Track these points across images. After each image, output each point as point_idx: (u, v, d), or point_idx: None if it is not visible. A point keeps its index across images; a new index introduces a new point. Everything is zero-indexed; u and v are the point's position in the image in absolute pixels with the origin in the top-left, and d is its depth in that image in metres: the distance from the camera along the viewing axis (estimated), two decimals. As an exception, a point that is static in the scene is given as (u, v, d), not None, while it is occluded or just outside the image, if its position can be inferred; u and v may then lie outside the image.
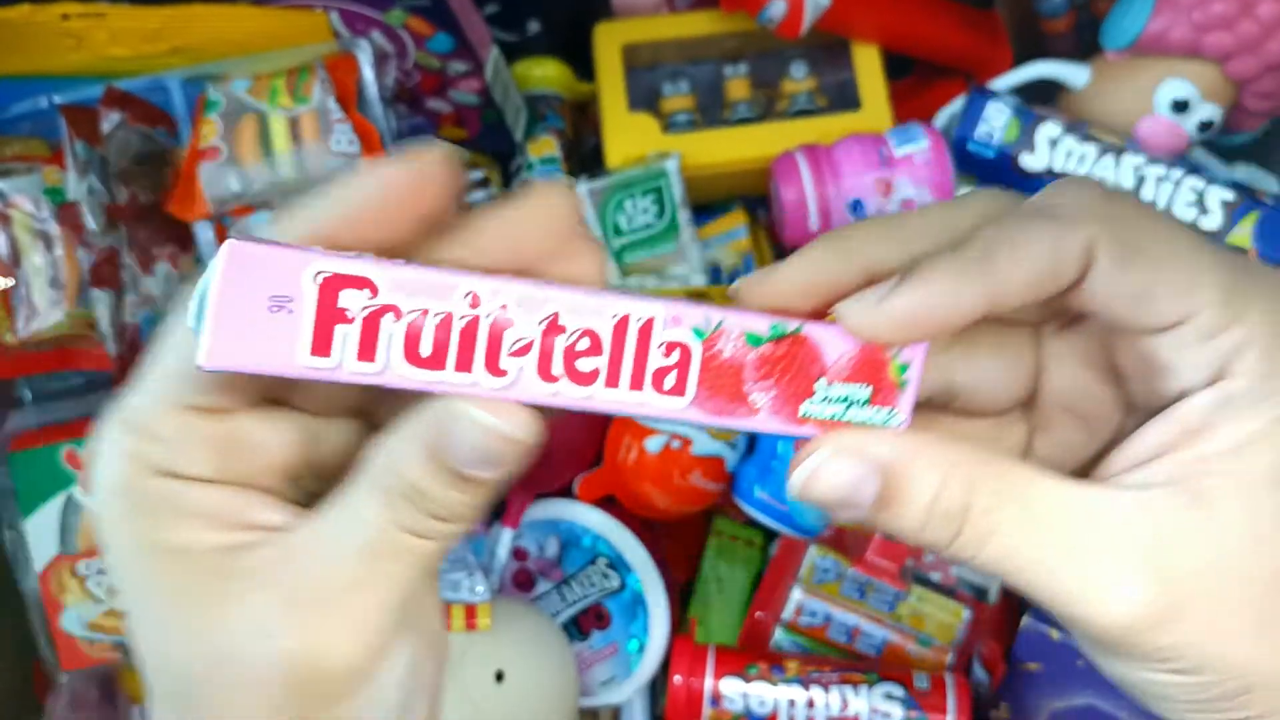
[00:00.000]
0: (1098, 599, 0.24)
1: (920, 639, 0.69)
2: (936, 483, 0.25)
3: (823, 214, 0.68)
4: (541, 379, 0.24)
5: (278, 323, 0.22)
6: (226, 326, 0.22)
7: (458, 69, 0.67)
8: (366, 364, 0.23)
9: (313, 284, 0.22)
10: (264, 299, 0.22)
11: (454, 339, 0.23)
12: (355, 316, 0.23)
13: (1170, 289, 0.24)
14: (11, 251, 0.62)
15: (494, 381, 0.23)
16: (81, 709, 0.66)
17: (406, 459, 0.24)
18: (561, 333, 0.23)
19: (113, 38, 0.62)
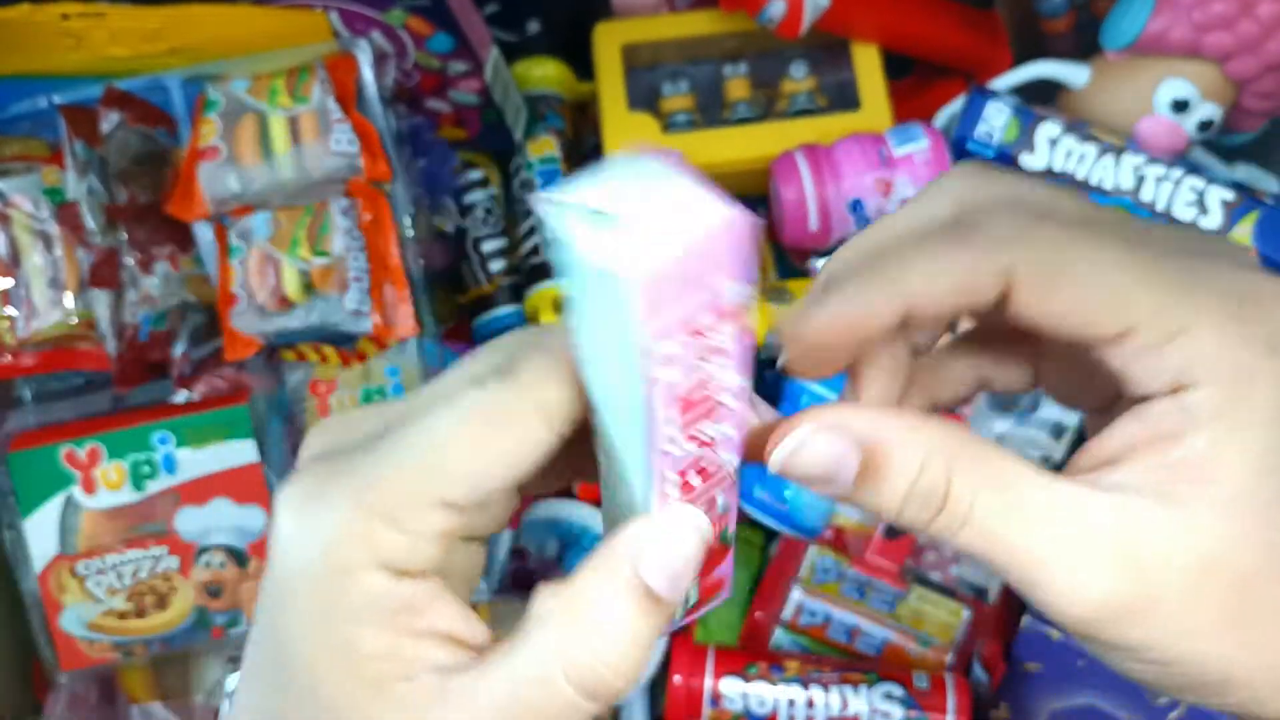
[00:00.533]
0: (1067, 589, 0.25)
1: (920, 639, 0.69)
2: (917, 462, 0.25)
3: (822, 214, 0.68)
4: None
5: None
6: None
7: (457, 69, 0.67)
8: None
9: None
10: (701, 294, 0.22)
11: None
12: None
13: (1101, 307, 0.25)
14: (11, 251, 0.62)
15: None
16: (81, 709, 0.66)
17: (593, 591, 0.25)
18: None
19: (112, 37, 0.62)
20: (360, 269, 0.60)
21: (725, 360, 0.23)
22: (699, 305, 0.22)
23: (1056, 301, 0.25)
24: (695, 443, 0.25)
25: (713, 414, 0.24)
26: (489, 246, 0.74)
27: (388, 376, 0.63)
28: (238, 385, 0.64)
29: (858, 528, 0.71)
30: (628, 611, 0.24)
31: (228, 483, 0.63)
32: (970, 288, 0.26)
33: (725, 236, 0.21)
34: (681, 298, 0.21)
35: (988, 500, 0.25)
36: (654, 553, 0.24)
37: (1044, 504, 0.25)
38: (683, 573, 0.25)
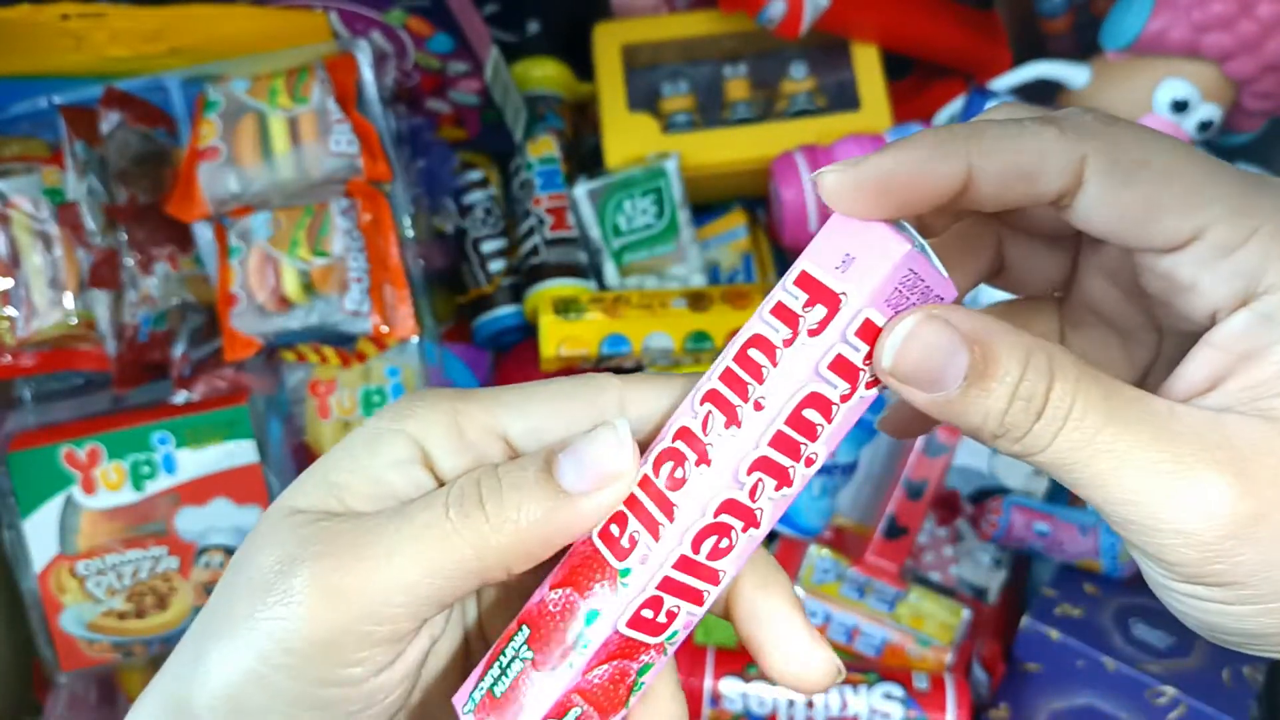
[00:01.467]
0: (1180, 504, 0.23)
1: (920, 639, 0.69)
2: (1021, 360, 0.24)
3: (822, 214, 0.68)
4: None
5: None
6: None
7: (457, 69, 0.67)
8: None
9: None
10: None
11: None
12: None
13: (1173, 206, 0.24)
14: (11, 252, 0.62)
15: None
16: (80, 709, 0.66)
17: (516, 460, 0.26)
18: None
19: (112, 38, 0.62)
20: (360, 269, 0.60)
21: (841, 413, 0.25)
22: (829, 268, 0.24)
23: (1129, 196, 0.24)
24: (750, 489, 0.25)
25: (784, 475, 0.25)
26: (488, 247, 0.74)
27: (387, 377, 0.63)
28: (237, 386, 0.64)
29: (857, 528, 0.71)
30: (530, 479, 0.25)
31: (227, 483, 0.63)
32: (1039, 168, 0.25)
33: (893, 248, 0.24)
34: (905, 296, 0.24)
35: (1087, 408, 0.24)
36: (575, 444, 0.25)
37: (1145, 416, 0.24)
38: (591, 469, 0.25)
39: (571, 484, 0.25)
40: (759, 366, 0.24)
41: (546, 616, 0.25)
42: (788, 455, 0.24)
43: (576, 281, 0.70)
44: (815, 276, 0.24)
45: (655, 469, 0.25)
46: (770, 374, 0.24)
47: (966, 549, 0.72)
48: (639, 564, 0.25)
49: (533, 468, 0.25)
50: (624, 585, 0.25)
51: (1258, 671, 0.62)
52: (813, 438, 0.24)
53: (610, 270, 0.71)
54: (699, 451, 0.25)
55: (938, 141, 0.25)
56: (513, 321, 0.73)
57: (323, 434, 0.64)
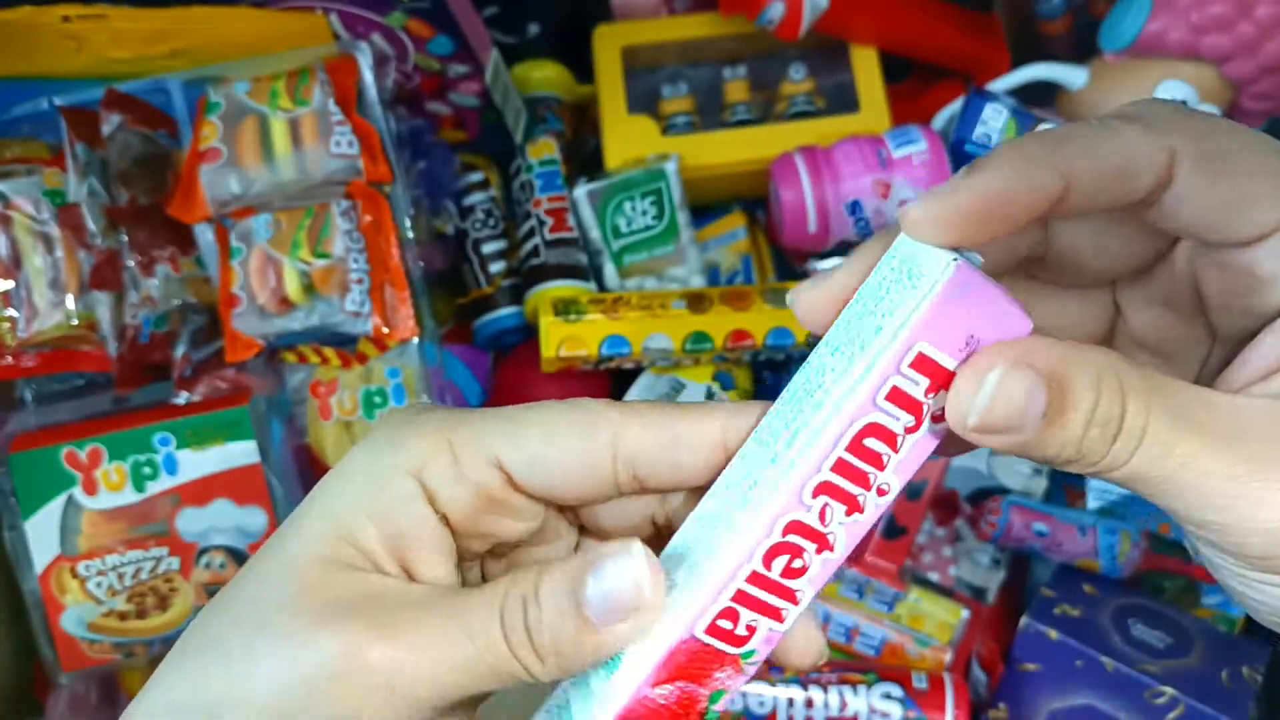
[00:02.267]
0: (1256, 502, 0.23)
1: (918, 639, 0.69)
2: (1094, 386, 0.24)
3: (821, 215, 0.68)
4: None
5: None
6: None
7: (458, 71, 0.67)
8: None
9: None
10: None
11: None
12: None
13: (1260, 197, 0.24)
14: (12, 253, 0.62)
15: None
16: (81, 710, 0.66)
17: (551, 569, 0.26)
18: None
19: (113, 40, 0.62)
20: (361, 271, 0.60)
21: (907, 447, 0.25)
22: (955, 348, 0.24)
23: (1218, 188, 0.24)
24: (818, 512, 0.25)
25: (854, 504, 0.25)
26: (489, 248, 0.74)
27: (388, 378, 0.64)
28: (238, 386, 0.64)
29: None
30: (565, 599, 0.25)
31: (228, 484, 0.63)
32: (1131, 167, 0.24)
33: (1018, 320, 0.24)
34: (958, 333, 0.24)
35: (1160, 420, 0.24)
36: (605, 568, 0.25)
37: (1215, 417, 0.24)
38: (614, 602, 0.25)
39: (596, 617, 0.25)
40: (879, 455, 0.25)
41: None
42: (856, 483, 0.25)
43: (576, 283, 0.70)
44: (936, 360, 0.24)
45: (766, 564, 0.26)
46: (890, 459, 0.25)
47: (965, 549, 0.72)
48: (762, 644, 0.26)
49: (563, 595, 0.25)
50: (747, 667, 0.27)
51: (1256, 672, 0.62)
52: (880, 467, 0.25)
53: (610, 271, 0.71)
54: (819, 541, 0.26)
55: (1025, 155, 0.24)
56: (513, 322, 0.73)
57: (324, 434, 0.64)
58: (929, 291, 0.23)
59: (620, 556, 0.25)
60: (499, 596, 0.26)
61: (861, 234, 0.70)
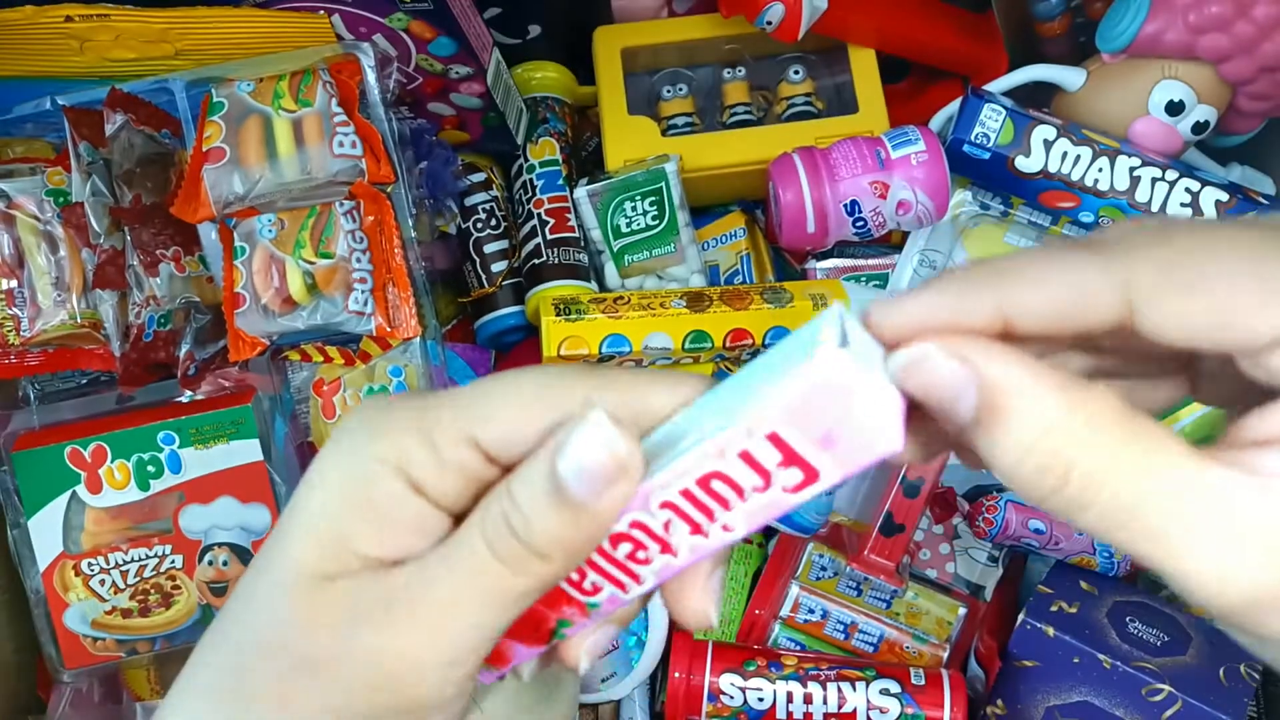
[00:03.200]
0: (1211, 579, 0.23)
1: (916, 635, 0.69)
2: (1040, 422, 0.23)
3: (819, 216, 0.69)
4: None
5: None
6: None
7: (459, 72, 0.67)
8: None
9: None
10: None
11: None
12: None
13: (1247, 308, 0.23)
14: (16, 252, 0.62)
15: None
16: (84, 707, 0.67)
17: (517, 477, 0.26)
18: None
19: (117, 40, 0.62)
20: (364, 270, 0.60)
21: (755, 501, 0.25)
22: (811, 439, 0.24)
23: (1193, 309, 0.23)
24: (664, 522, 0.26)
25: (696, 527, 0.26)
26: (490, 248, 0.74)
27: (391, 376, 0.64)
28: (242, 385, 0.65)
29: (855, 526, 0.72)
30: (541, 488, 0.25)
31: (232, 481, 0.63)
32: (1080, 304, 0.24)
33: (881, 442, 0.24)
34: (815, 427, 0.23)
35: (1122, 482, 0.23)
36: (570, 443, 0.25)
37: (1185, 488, 0.23)
38: (593, 471, 0.25)
39: (582, 494, 0.25)
40: (724, 499, 0.25)
41: None
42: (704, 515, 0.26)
43: (577, 282, 0.71)
44: (793, 447, 0.24)
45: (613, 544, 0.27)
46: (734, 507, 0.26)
47: (963, 546, 0.73)
48: (606, 602, 0.28)
49: (542, 492, 0.25)
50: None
51: (1253, 669, 0.63)
52: (726, 508, 0.26)
53: (611, 271, 0.72)
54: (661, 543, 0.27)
55: (966, 286, 0.24)
56: (514, 321, 0.74)
57: (327, 433, 0.64)
58: (801, 377, 0.23)
59: (582, 427, 0.25)
60: (477, 524, 0.26)
61: (860, 234, 0.71)
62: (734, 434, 0.24)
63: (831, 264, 0.74)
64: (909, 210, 0.69)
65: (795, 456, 0.24)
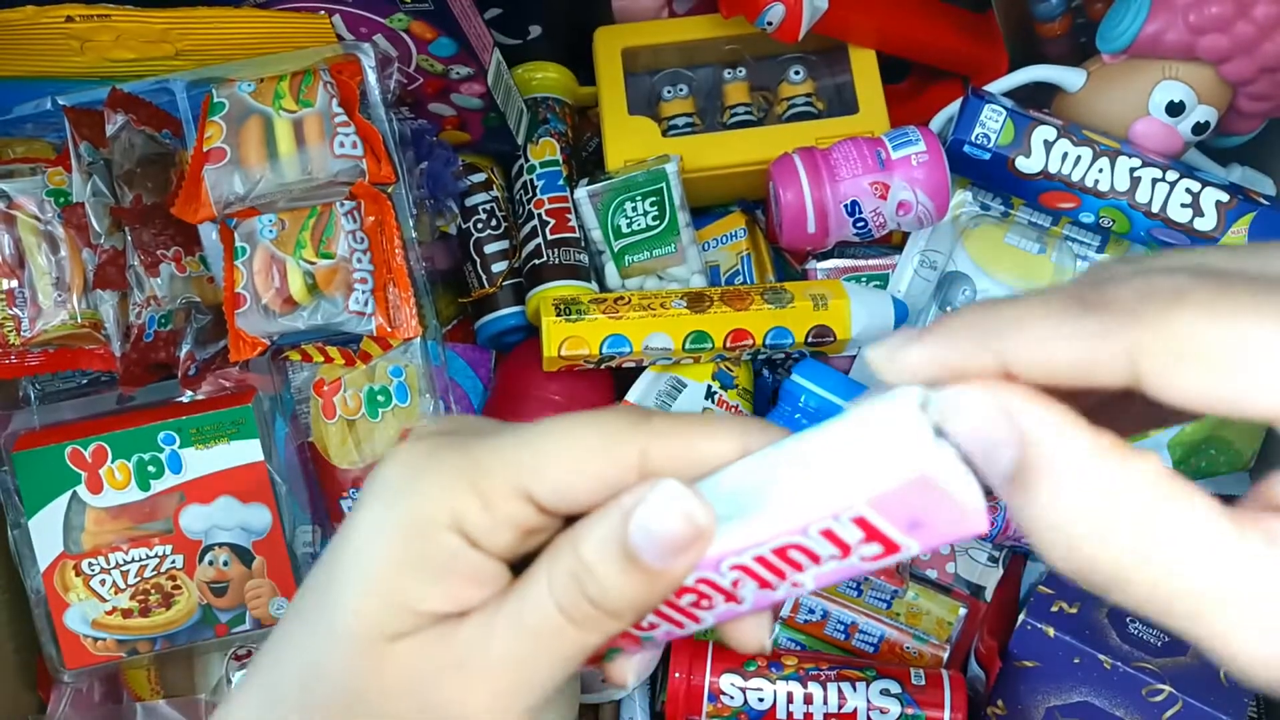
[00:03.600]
0: (1248, 647, 0.22)
1: (917, 636, 0.69)
2: (1085, 488, 0.22)
3: (820, 216, 0.69)
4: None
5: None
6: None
7: (460, 73, 0.67)
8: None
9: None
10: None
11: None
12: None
13: (1258, 388, 0.22)
14: (16, 253, 0.62)
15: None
16: (84, 707, 0.67)
17: (587, 539, 0.26)
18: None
19: (117, 40, 0.62)
20: (364, 270, 0.60)
21: (830, 566, 0.25)
22: (897, 524, 0.23)
23: (1200, 384, 0.22)
24: (733, 580, 0.26)
25: (766, 584, 0.26)
26: (491, 248, 0.74)
27: (391, 377, 0.64)
28: (243, 385, 0.65)
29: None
30: (614, 553, 0.25)
31: (232, 481, 0.63)
32: (1087, 367, 0.23)
33: (969, 526, 0.23)
34: (903, 515, 0.23)
35: (1158, 563, 0.22)
36: (644, 510, 0.25)
37: (1220, 563, 0.22)
38: (668, 538, 0.25)
39: (657, 562, 0.25)
40: (798, 564, 0.25)
41: None
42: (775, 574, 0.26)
43: (578, 283, 0.71)
44: (879, 529, 0.24)
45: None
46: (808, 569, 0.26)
47: (963, 547, 0.73)
48: (662, 635, 0.29)
49: (615, 558, 0.25)
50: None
51: (1252, 669, 0.63)
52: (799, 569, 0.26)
53: (612, 271, 0.72)
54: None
55: (965, 336, 0.24)
56: (515, 322, 0.74)
57: (328, 433, 0.64)
58: (896, 469, 0.23)
59: (656, 494, 0.25)
60: (545, 583, 0.26)
61: (860, 235, 0.71)
62: (819, 515, 0.24)
63: (832, 264, 0.74)
64: (909, 211, 0.69)
65: (880, 535, 0.24)
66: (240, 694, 0.29)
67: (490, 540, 0.27)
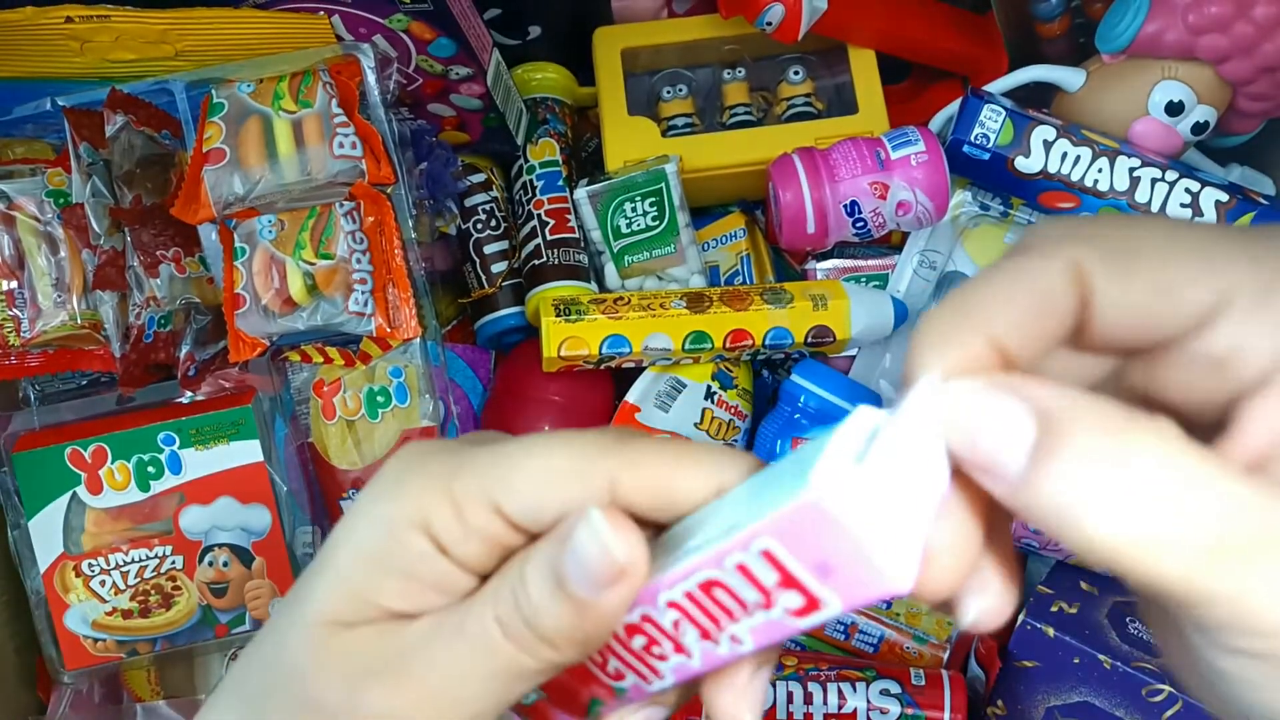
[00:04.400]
0: (1259, 605, 0.20)
1: (916, 636, 0.69)
2: (1109, 457, 0.20)
3: (819, 216, 0.69)
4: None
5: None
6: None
7: (459, 73, 0.67)
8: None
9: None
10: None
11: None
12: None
13: (1187, 277, 0.22)
14: (16, 253, 0.62)
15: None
16: (84, 708, 0.67)
17: (530, 559, 0.26)
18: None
19: (117, 41, 0.62)
20: (364, 271, 0.60)
21: (760, 618, 0.24)
22: (806, 565, 0.22)
23: (1137, 284, 0.22)
24: (673, 621, 0.26)
25: (705, 633, 0.25)
26: (490, 249, 0.74)
27: (391, 377, 0.64)
28: (242, 386, 0.65)
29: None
30: (547, 579, 0.26)
31: (232, 482, 0.63)
32: (1049, 300, 0.22)
33: (879, 580, 0.21)
34: (809, 553, 0.22)
35: (1195, 544, 0.20)
36: (573, 540, 0.25)
37: (1230, 512, 0.20)
38: (594, 571, 0.25)
39: (585, 593, 0.25)
40: (727, 609, 0.25)
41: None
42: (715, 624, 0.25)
43: (577, 283, 0.71)
44: (789, 570, 0.22)
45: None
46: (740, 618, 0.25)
47: (964, 548, 0.73)
48: (632, 689, 0.28)
49: (548, 582, 0.25)
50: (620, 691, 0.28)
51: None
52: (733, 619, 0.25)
53: (611, 272, 0.72)
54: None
55: (951, 328, 0.23)
56: (514, 322, 0.74)
57: (327, 434, 0.64)
58: (792, 496, 0.21)
59: (582, 526, 0.25)
60: (490, 599, 0.26)
61: (860, 235, 0.71)
62: (732, 545, 0.23)
63: (831, 264, 0.74)
64: (909, 211, 0.69)
65: (793, 580, 0.22)
66: (219, 690, 0.30)
67: (459, 549, 0.27)
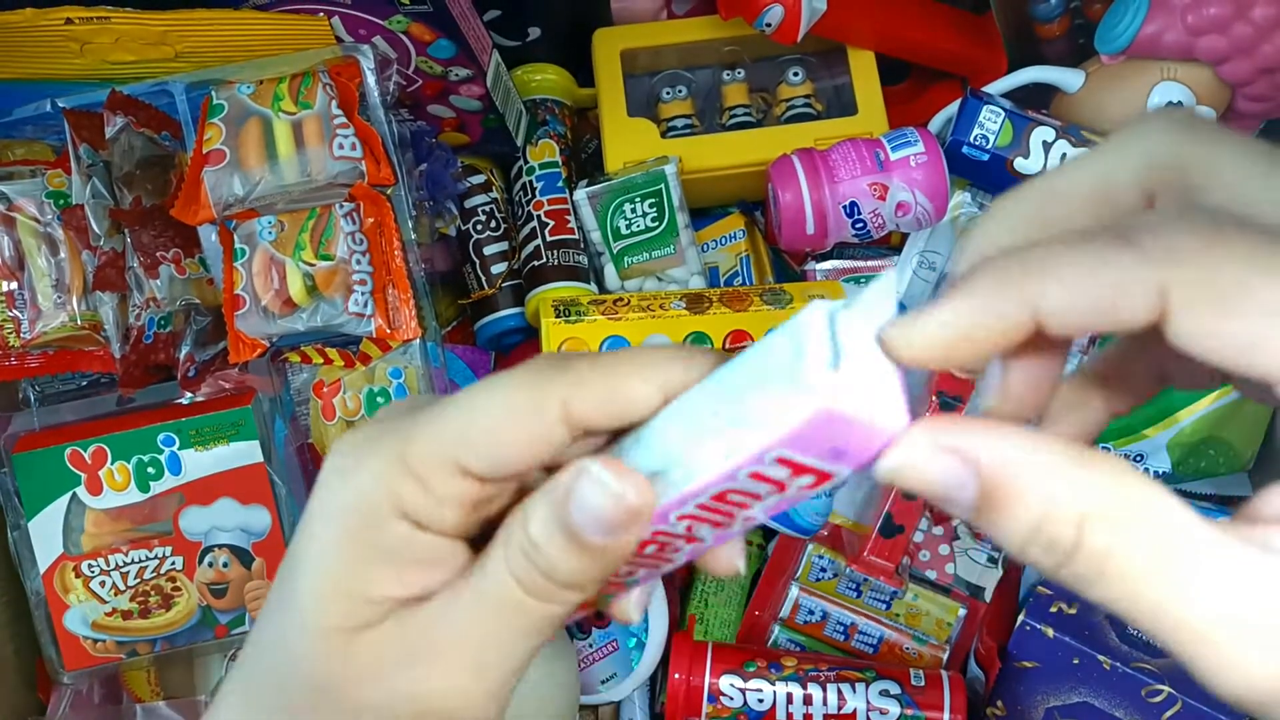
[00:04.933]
0: (1230, 668, 0.21)
1: (916, 636, 0.69)
2: (1041, 503, 0.22)
3: (819, 217, 0.69)
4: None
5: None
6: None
7: (459, 74, 0.67)
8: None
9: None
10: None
11: None
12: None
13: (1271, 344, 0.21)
14: (16, 255, 0.62)
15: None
16: (84, 708, 0.67)
17: (532, 518, 0.26)
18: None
19: (117, 43, 0.63)
20: (364, 272, 0.60)
21: (773, 499, 0.25)
22: (819, 456, 0.23)
23: (1228, 330, 0.21)
24: (686, 527, 0.26)
25: (718, 524, 0.26)
26: (490, 250, 0.74)
27: (391, 378, 0.64)
28: (242, 387, 0.65)
29: (855, 527, 0.72)
30: (558, 533, 0.25)
31: (232, 483, 0.63)
32: (1117, 305, 0.22)
33: (882, 440, 0.23)
34: (821, 447, 0.23)
35: (1131, 556, 0.21)
36: (578, 494, 0.25)
37: (1200, 567, 0.21)
38: (606, 519, 0.25)
39: (601, 539, 0.25)
40: (742, 504, 0.26)
41: None
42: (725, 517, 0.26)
43: (577, 284, 0.71)
44: (802, 462, 0.24)
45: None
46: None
47: (962, 547, 0.73)
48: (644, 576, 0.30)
49: (560, 537, 0.25)
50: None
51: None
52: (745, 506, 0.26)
53: (611, 273, 0.72)
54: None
55: (997, 283, 0.23)
56: (514, 323, 0.74)
57: (327, 434, 0.64)
58: (797, 408, 0.22)
59: (586, 480, 0.25)
60: (501, 558, 0.26)
61: (859, 236, 0.71)
62: (744, 462, 0.24)
63: (831, 265, 0.74)
64: (908, 212, 0.69)
65: (807, 469, 0.24)
66: (223, 699, 0.29)
67: (436, 521, 0.26)
